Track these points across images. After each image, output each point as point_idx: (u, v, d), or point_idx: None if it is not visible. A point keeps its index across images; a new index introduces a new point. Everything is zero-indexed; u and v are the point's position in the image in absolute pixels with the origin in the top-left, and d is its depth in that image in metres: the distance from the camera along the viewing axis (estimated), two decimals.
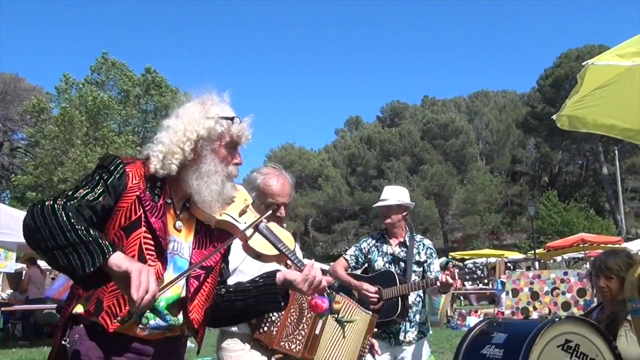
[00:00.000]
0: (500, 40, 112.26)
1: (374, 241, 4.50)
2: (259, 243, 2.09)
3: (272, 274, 2.19)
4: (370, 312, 3.32)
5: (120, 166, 1.94)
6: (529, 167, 60.93)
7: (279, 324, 2.96)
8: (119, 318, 1.88)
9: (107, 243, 1.71)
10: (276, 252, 2.09)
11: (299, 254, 2.96)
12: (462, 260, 27.48)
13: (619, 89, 3.39)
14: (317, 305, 2.43)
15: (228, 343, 3.03)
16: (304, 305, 2.99)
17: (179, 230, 2.06)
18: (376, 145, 60.67)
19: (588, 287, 7.51)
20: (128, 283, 1.64)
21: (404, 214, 4.44)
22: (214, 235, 2.15)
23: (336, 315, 3.05)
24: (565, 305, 7.84)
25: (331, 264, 4.72)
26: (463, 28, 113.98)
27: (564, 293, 7.96)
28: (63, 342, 1.94)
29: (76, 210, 1.78)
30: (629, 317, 3.17)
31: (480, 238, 52.07)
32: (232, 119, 2.07)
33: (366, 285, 4.19)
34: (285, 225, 3.10)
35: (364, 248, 4.49)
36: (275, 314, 2.95)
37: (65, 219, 1.71)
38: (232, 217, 2.09)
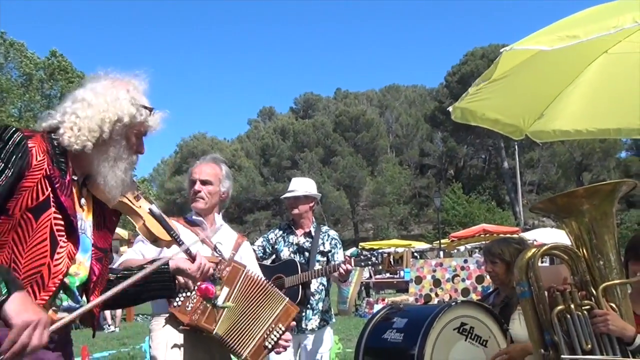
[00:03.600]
0: (412, 36, 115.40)
1: (280, 232, 4.57)
2: (155, 228, 2.15)
3: (164, 262, 2.20)
4: (287, 298, 3.15)
5: (23, 142, 1.79)
6: (436, 160, 62.98)
7: (194, 299, 2.94)
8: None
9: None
10: (169, 239, 2.17)
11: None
12: (372, 250, 28.08)
13: (507, 85, 3.50)
14: (208, 290, 2.69)
15: (153, 324, 3.13)
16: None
17: (82, 208, 2.00)
18: (290, 137, 60.80)
19: (486, 274, 7.91)
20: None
21: (311, 204, 4.52)
22: (107, 216, 2.12)
23: (216, 301, 2.98)
24: (465, 292, 8.22)
25: None
26: (376, 23, 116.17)
27: (463, 280, 8.34)
28: None
29: None
30: None
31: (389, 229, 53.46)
32: (151, 110, 2.06)
33: None
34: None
35: (271, 239, 4.55)
36: (188, 290, 2.92)
37: None
38: (130, 200, 2.12)
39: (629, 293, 2.77)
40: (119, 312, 14.48)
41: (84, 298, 1.99)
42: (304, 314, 4.29)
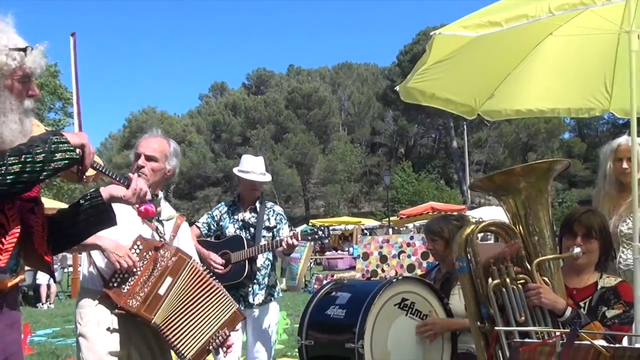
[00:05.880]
0: (365, 13, 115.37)
1: (226, 208, 4.55)
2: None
3: (95, 193, 2.14)
4: (237, 306, 3.20)
5: None
6: (387, 139, 63.45)
7: (132, 282, 2.92)
8: None
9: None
10: (94, 172, 2.13)
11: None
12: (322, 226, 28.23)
13: (456, 65, 3.56)
14: (148, 210, 2.62)
15: (83, 301, 3.06)
16: (157, 264, 2.94)
17: None
18: (241, 112, 60.22)
19: None
20: None
21: None
22: None
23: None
24: (410, 268, 8.40)
25: None
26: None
27: (409, 256, 8.52)
28: None
29: None
30: None
31: (339, 206, 53.89)
32: (24, 50, 1.85)
33: (213, 256, 4.23)
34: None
35: (216, 215, 4.53)
36: (127, 272, 2.91)
37: None
38: None
39: (562, 267, 2.88)
40: (53, 288, 14.11)
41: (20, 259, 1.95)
42: (250, 289, 4.31)
